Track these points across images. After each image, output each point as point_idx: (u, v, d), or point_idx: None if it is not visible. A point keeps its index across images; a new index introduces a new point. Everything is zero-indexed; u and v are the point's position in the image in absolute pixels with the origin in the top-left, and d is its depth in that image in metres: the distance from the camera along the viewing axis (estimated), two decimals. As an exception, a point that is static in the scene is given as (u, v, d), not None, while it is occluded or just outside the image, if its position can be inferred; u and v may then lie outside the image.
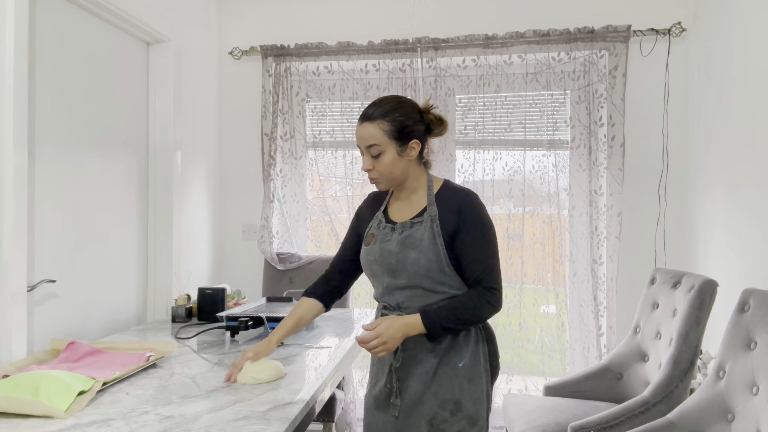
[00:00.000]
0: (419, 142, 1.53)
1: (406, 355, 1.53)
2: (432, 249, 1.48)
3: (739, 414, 1.59)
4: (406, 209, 1.59)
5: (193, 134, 2.97)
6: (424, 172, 1.59)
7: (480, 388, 1.51)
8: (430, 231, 1.49)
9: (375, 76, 3.07)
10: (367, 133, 1.50)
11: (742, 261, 2.33)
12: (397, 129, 1.49)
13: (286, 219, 3.19)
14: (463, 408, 1.48)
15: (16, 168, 1.77)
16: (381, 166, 1.51)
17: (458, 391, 1.49)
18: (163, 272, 2.71)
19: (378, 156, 1.50)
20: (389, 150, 1.49)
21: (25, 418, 1.29)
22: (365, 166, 1.53)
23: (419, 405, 1.50)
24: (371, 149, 1.50)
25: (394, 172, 1.52)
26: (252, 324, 2.11)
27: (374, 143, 1.49)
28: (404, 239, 1.51)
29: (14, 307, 1.78)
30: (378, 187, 1.57)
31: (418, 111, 1.54)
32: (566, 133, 2.99)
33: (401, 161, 1.51)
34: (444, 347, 1.50)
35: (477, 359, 1.52)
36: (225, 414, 1.33)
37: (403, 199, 1.60)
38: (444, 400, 1.48)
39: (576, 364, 2.90)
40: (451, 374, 1.49)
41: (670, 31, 2.82)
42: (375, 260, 1.55)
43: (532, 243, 3.02)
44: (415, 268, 1.48)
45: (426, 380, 1.50)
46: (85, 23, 2.27)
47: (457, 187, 1.57)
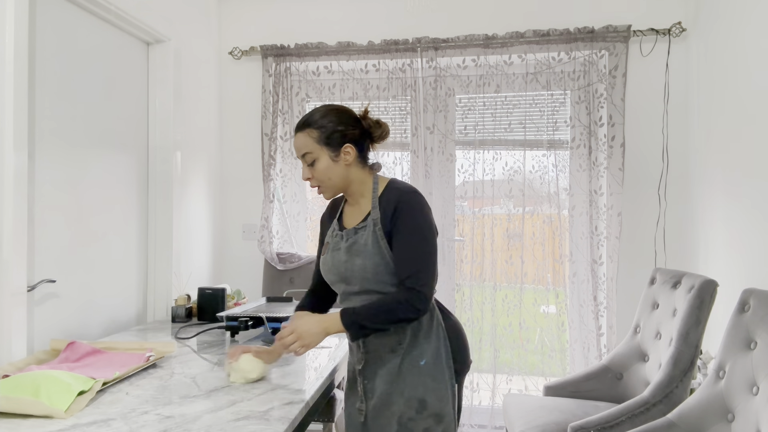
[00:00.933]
0: (353, 146, 1.54)
1: (370, 356, 1.55)
2: (377, 253, 1.49)
3: (739, 414, 1.59)
4: (356, 214, 1.61)
5: (193, 134, 2.97)
6: (370, 176, 1.60)
7: (444, 385, 1.52)
8: (373, 235, 1.51)
9: (375, 76, 3.07)
10: (299, 143, 1.55)
11: (742, 261, 2.33)
12: (326, 135, 1.52)
13: (286, 219, 3.19)
14: (428, 406, 1.49)
15: (16, 168, 1.77)
16: (317, 173, 1.54)
17: (422, 389, 1.50)
18: (163, 272, 2.71)
19: (313, 163, 1.54)
20: (322, 156, 1.53)
21: (25, 418, 1.29)
22: (303, 175, 1.58)
23: (389, 404, 1.52)
24: (306, 157, 1.54)
25: (332, 178, 1.55)
26: (252, 324, 2.11)
27: (307, 151, 1.53)
28: (350, 246, 1.54)
29: (14, 307, 1.78)
30: (324, 196, 1.59)
31: (352, 117, 1.57)
32: (566, 133, 2.99)
33: (337, 167, 1.54)
34: (405, 346, 1.52)
35: (439, 357, 1.53)
36: (225, 414, 1.33)
37: (353, 204, 1.63)
38: (410, 398, 1.50)
39: (576, 364, 2.90)
40: (414, 373, 1.51)
41: (670, 31, 2.82)
42: (329, 269, 1.59)
43: (532, 243, 3.02)
44: (363, 275, 1.50)
45: (391, 379, 1.52)
46: (85, 23, 2.27)
47: (397, 186, 1.57)
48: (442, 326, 1.56)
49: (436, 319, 1.56)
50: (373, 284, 1.51)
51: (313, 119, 1.54)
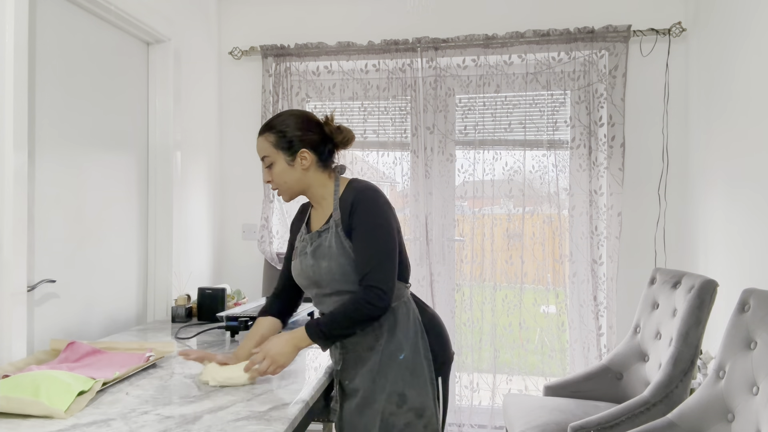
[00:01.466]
0: (309, 152, 1.57)
1: (348, 356, 1.58)
2: (341, 254, 1.51)
3: (739, 414, 1.59)
4: (320, 218, 1.63)
5: (193, 134, 2.97)
6: (331, 179, 1.62)
7: (423, 379, 1.53)
8: (336, 236, 1.53)
9: (375, 76, 3.07)
10: (258, 146, 1.60)
11: (742, 261, 2.33)
12: (283, 140, 1.56)
13: (286, 219, 3.19)
14: (407, 400, 1.51)
15: (16, 168, 1.77)
16: (274, 176, 1.58)
17: (402, 383, 1.52)
18: (163, 272, 2.71)
19: (270, 167, 1.58)
20: (278, 160, 1.57)
21: (25, 418, 1.29)
22: (264, 178, 1.62)
23: (371, 402, 1.53)
24: (264, 161, 1.59)
25: (288, 181, 1.58)
26: (252, 324, 2.11)
27: (265, 155, 1.58)
28: (314, 250, 1.56)
29: (14, 307, 1.78)
30: (283, 199, 1.64)
31: (312, 122, 1.60)
32: (566, 133, 2.99)
33: (293, 171, 1.57)
34: (383, 342, 1.53)
35: (417, 350, 1.54)
36: (225, 414, 1.33)
37: (317, 208, 1.65)
38: (390, 393, 1.52)
39: (576, 364, 2.90)
40: (394, 367, 1.53)
41: (670, 31, 2.82)
42: (298, 274, 1.62)
43: (532, 243, 3.02)
44: (331, 276, 1.53)
45: (373, 377, 1.53)
46: (85, 23, 2.27)
47: (355, 185, 1.58)
48: (419, 320, 1.58)
49: (412, 312, 1.58)
50: (343, 284, 1.53)
51: (273, 124, 1.58)
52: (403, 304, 1.58)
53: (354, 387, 1.57)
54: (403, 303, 1.58)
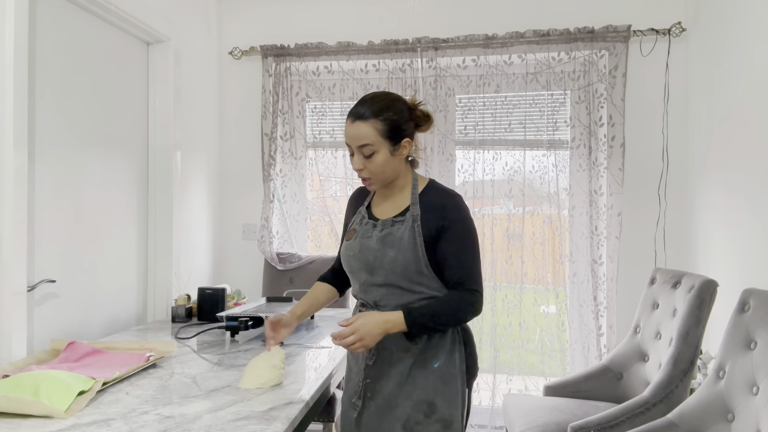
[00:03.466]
0: (411, 141, 1.51)
1: (381, 355, 1.50)
2: (411, 249, 1.45)
3: (739, 414, 1.59)
4: (389, 207, 1.56)
5: (193, 134, 2.97)
6: (410, 171, 1.58)
7: (455, 389, 1.48)
8: (410, 231, 1.46)
9: (375, 76, 3.07)
10: (361, 133, 1.45)
11: (742, 261, 2.33)
12: (390, 128, 1.45)
13: (286, 219, 3.19)
14: (437, 410, 1.45)
15: (16, 168, 1.77)
16: (373, 166, 1.47)
17: (432, 392, 1.46)
18: (163, 272, 2.71)
19: (370, 156, 1.46)
20: (382, 150, 1.46)
21: (25, 418, 1.29)
22: (356, 166, 1.49)
23: (393, 407, 1.47)
24: (363, 149, 1.46)
25: (386, 171, 1.49)
26: (252, 324, 2.11)
27: (367, 143, 1.45)
28: (384, 237, 1.48)
29: (14, 307, 1.78)
30: (370, 188, 1.55)
31: (408, 108, 1.51)
32: (566, 133, 2.99)
33: (393, 161, 1.49)
34: (419, 347, 1.48)
35: (452, 361, 1.49)
36: (225, 414, 1.33)
37: (388, 196, 1.58)
38: (418, 401, 1.46)
39: (576, 364, 2.90)
40: (425, 375, 1.47)
41: (670, 31, 2.82)
42: (354, 255, 1.53)
43: (532, 243, 3.02)
44: (392, 267, 1.46)
45: (400, 381, 1.48)
46: (85, 23, 2.27)
47: (442, 187, 1.55)
48: (458, 329, 1.52)
49: None
50: (398, 278, 1.46)
51: (377, 109, 1.45)
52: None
53: (377, 387, 1.50)
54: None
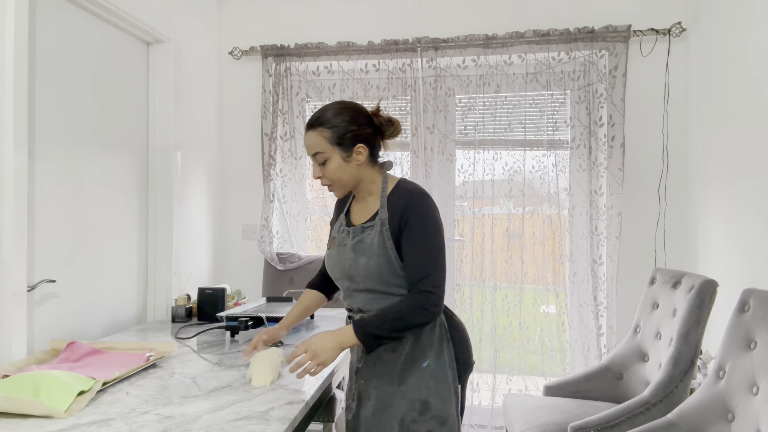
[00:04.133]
0: (365, 146, 1.53)
1: (369, 356, 1.54)
2: (382, 254, 1.48)
3: (739, 414, 1.59)
4: (363, 212, 1.60)
5: (193, 134, 2.97)
6: (380, 174, 1.59)
7: (447, 387, 1.51)
8: (379, 235, 1.49)
9: (375, 76, 3.07)
10: (310, 141, 1.51)
11: (742, 261, 2.33)
12: (338, 135, 1.49)
13: (286, 219, 3.19)
14: (431, 408, 1.48)
15: (16, 168, 1.77)
16: (328, 173, 1.52)
17: (425, 391, 1.49)
18: (163, 272, 2.71)
19: (324, 163, 1.51)
20: (334, 156, 1.50)
21: (25, 418, 1.29)
22: (314, 174, 1.55)
23: (389, 406, 1.50)
24: (317, 157, 1.52)
25: (343, 177, 1.53)
26: (252, 324, 2.11)
27: (318, 151, 1.51)
28: (356, 244, 1.52)
29: (14, 307, 1.78)
30: (335, 194, 1.59)
31: (365, 115, 1.54)
32: (566, 133, 2.99)
33: (348, 166, 1.52)
34: (407, 346, 1.51)
35: (441, 359, 1.52)
36: (225, 414, 1.33)
37: (361, 201, 1.62)
38: (412, 400, 1.49)
39: (576, 364, 2.90)
40: (417, 374, 1.50)
41: (670, 31, 2.82)
42: (333, 264, 1.58)
43: (532, 243, 3.02)
44: (366, 273, 1.49)
45: (393, 380, 1.50)
46: (85, 23, 2.27)
47: (407, 186, 1.55)
48: (445, 327, 1.56)
49: (439, 319, 1.55)
50: (376, 284, 1.50)
51: (326, 118, 1.50)
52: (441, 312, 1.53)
53: (370, 389, 1.54)
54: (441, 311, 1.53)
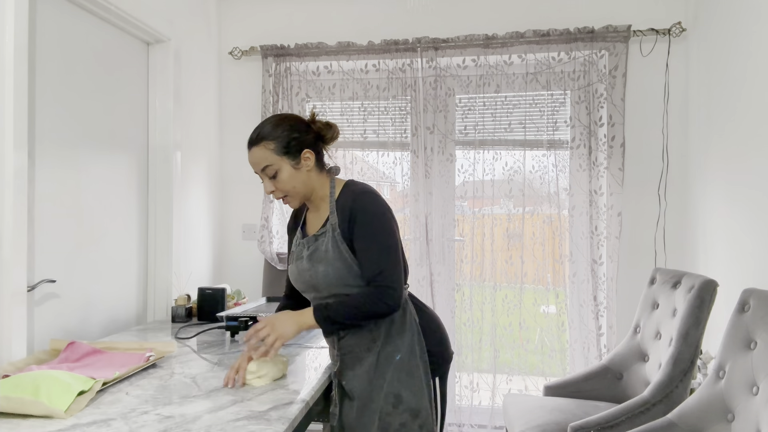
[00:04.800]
0: (311, 151, 1.55)
1: (346, 357, 1.58)
2: (338, 259, 1.50)
3: (739, 414, 1.59)
4: (316, 221, 1.62)
5: (193, 134, 2.97)
6: (328, 179, 1.61)
7: (418, 380, 1.53)
8: (333, 240, 1.52)
9: (375, 76, 3.07)
10: (257, 157, 1.53)
11: (742, 261, 2.33)
12: (284, 144, 1.52)
13: (286, 219, 3.19)
14: (403, 401, 1.51)
15: (16, 168, 1.77)
16: (282, 184, 1.53)
17: (398, 384, 1.52)
18: (163, 272, 2.71)
19: (275, 176, 1.52)
20: (284, 166, 1.52)
21: (25, 418, 1.29)
22: (267, 190, 1.55)
23: (369, 402, 1.54)
24: (266, 170, 1.53)
25: (297, 186, 1.54)
26: (252, 324, 2.11)
27: (267, 164, 1.52)
28: (311, 254, 1.56)
29: (14, 307, 1.78)
30: (291, 205, 1.59)
31: (303, 122, 1.58)
32: (566, 133, 2.99)
33: (299, 174, 1.54)
34: (380, 343, 1.55)
35: (413, 351, 1.55)
36: (225, 414, 1.33)
37: (314, 210, 1.64)
38: (387, 393, 1.52)
39: (576, 364, 2.90)
40: (390, 368, 1.53)
41: (670, 31, 2.82)
42: (296, 279, 1.61)
43: (532, 243, 3.02)
44: (327, 281, 1.53)
45: (370, 377, 1.55)
46: (85, 23, 2.27)
47: (352, 188, 1.57)
48: (416, 320, 1.59)
49: (409, 313, 1.58)
50: (340, 288, 1.53)
51: (267, 131, 1.53)
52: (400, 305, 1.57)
53: (350, 388, 1.58)
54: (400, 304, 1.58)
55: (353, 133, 3.17)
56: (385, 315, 1.51)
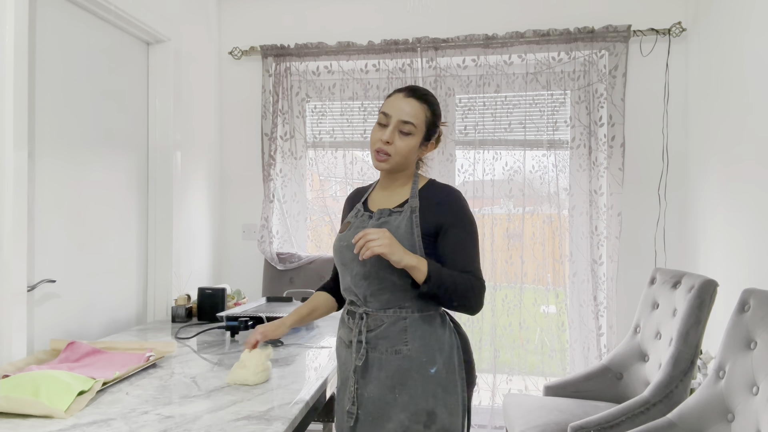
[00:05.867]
0: (434, 144, 1.54)
1: (372, 355, 1.43)
2: (407, 239, 1.41)
3: (739, 414, 1.59)
4: (387, 200, 1.54)
5: (193, 134, 2.97)
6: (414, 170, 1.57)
7: (456, 397, 1.42)
8: (408, 221, 1.43)
9: (375, 76, 3.07)
10: (412, 109, 1.44)
11: (742, 261, 2.33)
12: (431, 123, 1.48)
13: (286, 219, 3.19)
14: (437, 419, 1.38)
15: (16, 168, 1.77)
16: (402, 146, 1.45)
17: (432, 400, 1.38)
18: (163, 272, 2.71)
19: (406, 135, 1.45)
20: (417, 136, 1.46)
21: (25, 418, 1.29)
22: (386, 137, 1.44)
23: (385, 419, 1.40)
24: (405, 126, 1.44)
25: (408, 158, 1.47)
26: (252, 324, 2.11)
27: (412, 121, 1.44)
28: (380, 225, 1.46)
29: (14, 307, 1.78)
30: (381, 166, 1.48)
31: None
32: (566, 133, 2.99)
33: (416, 152, 1.49)
34: (411, 349, 1.40)
35: (452, 367, 1.43)
36: (225, 414, 1.33)
37: (387, 189, 1.56)
38: (416, 411, 1.38)
39: (576, 364, 2.90)
40: (422, 382, 1.39)
41: (670, 31, 2.82)
42: (347, 246, 1.47)
43: (532, 243, 3.02)
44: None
45: (392, 385, 1.40)
46: (85, 23, 2.27)
47: (442, 184, 1.54)
48: (456, 334, 1.48)
49: (448, 326, 1.48)
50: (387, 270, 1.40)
51: (431, 101, 1.48)
52: (440, 315, 1.47)
53: (368, 393, 1.42)
54: (441, 313, 1.48)
55: (353, 133, 3.17)
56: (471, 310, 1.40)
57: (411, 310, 1.43)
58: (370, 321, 1.44)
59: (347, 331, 1.50)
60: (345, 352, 1.50)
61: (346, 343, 1.50)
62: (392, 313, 1.42)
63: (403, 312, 1.42)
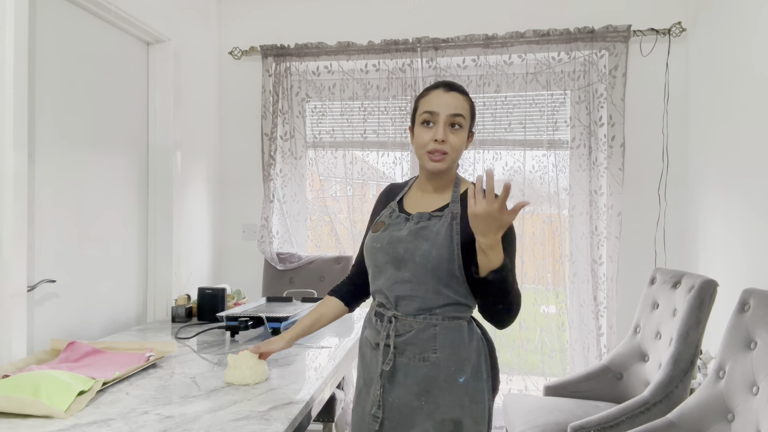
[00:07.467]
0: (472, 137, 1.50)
1: (399, 360, 1.39)
2: (446, 246, 1.35)
3: (739, 414, 1.59)
4: (425, 203, 1.48)
5: (193, 134, 2.97)
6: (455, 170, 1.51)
7: (482, 406, 1.39)
8: (448, 227, 1.37)
9: (375, 76, 3.07)
10: (459, 102, 1.42)
11: (742, 261, 2.33)
12: (472, 115, 1.46)
13: (286, 219, 3.19)
14: (463, 429, 1.35)
15: (16, 168, 1.77)
16: (456, 141, 1.40)
17: (459, 410, 1.35)
18: (163, 272, 2.71)
19: (457, 129, 1.41)
20: (465, 129, 1.43)
21: (25, 418, 1.29)
22: (441, 135, 1.38)
23: (407, 425, 1.37)
24: (456, 119, 1.40)
25: (460, 152, 1.43)
26: (252, 324, 2.11)
27: (462, 113, 1.41)
28: (418, 230, 1.40)
29: (14, 307, 1.78)
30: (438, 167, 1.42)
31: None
32: (566, 133, 2.99)
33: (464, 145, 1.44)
34: (440, 357, 1.36)
35: (479, 375, 1.39)
36: (225, 414, 1.33)
37: (425, 191, 1.50)
38: (443, 420, 1.35)
39: (576, 364, 2.90)
40: (450, 391, 1.36)
41: (670, 31, 2.82)
42: (381, 248, 1.42)
43: (532, 243, 3.02)
44: (423, 261, 1.35)
45: (416, 394, 1.36)
46: (85, 23, 2.27)
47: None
48: (483, 340, 1.44)
49: (476, 332, 1.43)
50: (427, 276, 1.36)
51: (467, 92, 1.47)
52: (468, 322, 1.42)
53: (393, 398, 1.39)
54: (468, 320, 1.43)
55: (353, 133, 3.17)
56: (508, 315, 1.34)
57: (441, 317, 1.38)
58: (398, 325, 1.40)
59: (374, 332, 1.46)
60: (370, 353, 1.46)
61: (372, 345, 1.46)
62: (422, 319, 1.38)
63: (433, 319, 1.38)
